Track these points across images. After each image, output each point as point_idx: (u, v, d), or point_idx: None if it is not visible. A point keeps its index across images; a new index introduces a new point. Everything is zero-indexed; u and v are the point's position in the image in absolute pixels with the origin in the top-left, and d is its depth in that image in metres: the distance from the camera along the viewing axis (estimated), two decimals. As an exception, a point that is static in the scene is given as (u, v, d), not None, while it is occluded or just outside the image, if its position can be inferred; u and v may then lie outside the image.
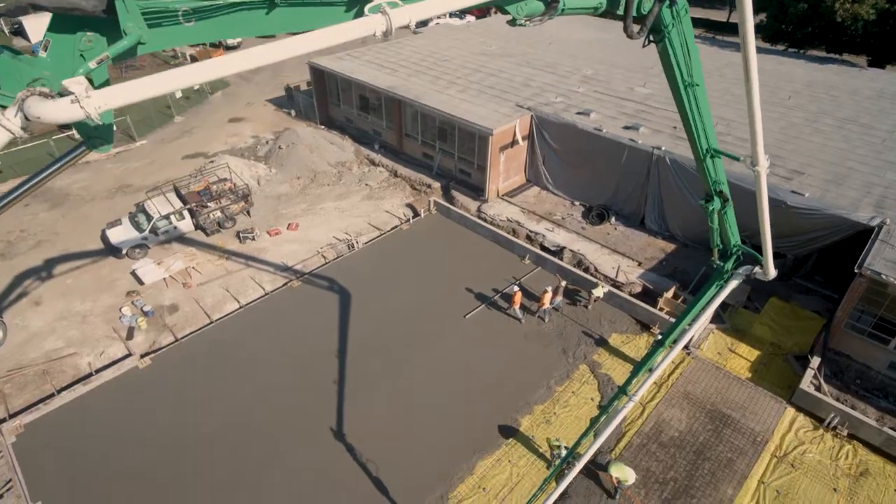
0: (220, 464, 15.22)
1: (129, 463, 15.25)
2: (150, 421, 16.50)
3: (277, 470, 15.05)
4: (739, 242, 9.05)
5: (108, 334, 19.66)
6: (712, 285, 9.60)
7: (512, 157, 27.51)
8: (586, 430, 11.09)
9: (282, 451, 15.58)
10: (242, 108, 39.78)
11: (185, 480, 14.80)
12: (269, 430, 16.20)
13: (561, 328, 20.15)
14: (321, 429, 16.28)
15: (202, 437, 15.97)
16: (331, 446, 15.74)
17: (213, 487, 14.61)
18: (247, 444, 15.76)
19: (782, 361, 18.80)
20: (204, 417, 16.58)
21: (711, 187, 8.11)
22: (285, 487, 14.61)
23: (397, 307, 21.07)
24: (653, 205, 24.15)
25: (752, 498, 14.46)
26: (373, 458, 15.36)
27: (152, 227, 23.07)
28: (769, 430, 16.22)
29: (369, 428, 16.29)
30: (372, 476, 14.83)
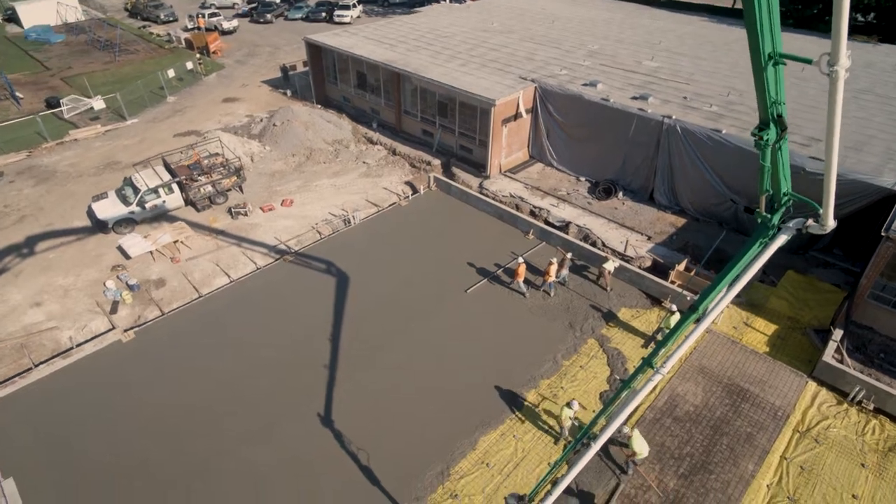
0: (205, 439, 14.24)
1: (108, 438, 14.28)
2: (132, 395, 15.52)
3: (266, 445, 14.08)
4: (791, 189, 7.94)
5: (90, 308, 18.68)
6: (755, 242, 8.41)
7: (515, 131, 26.51)
8: (605, 407, 10.05)
9: (272, 425, 14.61)
10: (237, 88, 38.73)
11: (167, 456, 13.82)
12: (258, 404, 15.23)
13: (567, 302, 19.17)
14: (314, 403, 15.31)
15: (187, 412, 14.98)
16: (324, 421, 14.75)
17: (197, 463, 13.64)
18: (235, 419, 14.77)
19: (801, 335, 17.83)
20: (189, 392, 15.61)
21: (768, 109, 6.82)
22: (275, 463, 13.65)
23: (395, 282, 20.10)
24: (662, 178, 23.14)
25: (774, 473, 13.51)
26: (368, 433, 14.39)
27: (139, 200, 22.07)
28: (790, 405, 15.26)
29: (364, 403, 15.32)
30: (367, 451, 13.86)
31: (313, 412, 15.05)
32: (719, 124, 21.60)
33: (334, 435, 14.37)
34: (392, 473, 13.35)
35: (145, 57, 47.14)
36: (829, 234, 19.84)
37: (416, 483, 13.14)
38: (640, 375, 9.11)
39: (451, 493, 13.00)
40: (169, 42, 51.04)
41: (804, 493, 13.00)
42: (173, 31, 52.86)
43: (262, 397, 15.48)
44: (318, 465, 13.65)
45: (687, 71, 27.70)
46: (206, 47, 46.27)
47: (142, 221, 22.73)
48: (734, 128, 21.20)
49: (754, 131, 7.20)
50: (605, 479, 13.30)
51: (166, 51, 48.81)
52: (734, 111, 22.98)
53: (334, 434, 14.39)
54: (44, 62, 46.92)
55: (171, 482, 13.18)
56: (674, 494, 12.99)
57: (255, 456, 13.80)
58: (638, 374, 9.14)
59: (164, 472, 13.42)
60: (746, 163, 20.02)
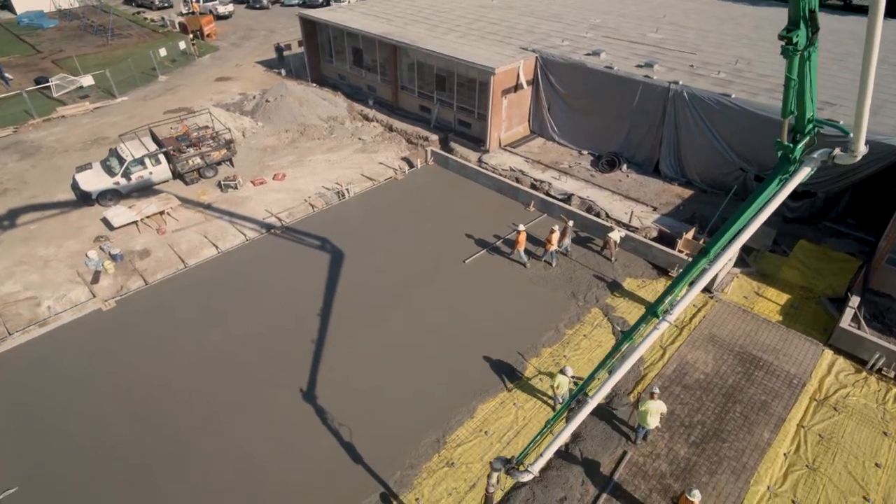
0: (187, 410, 13.40)
1: (83, 409, 13.42)
2: (110, 365, 14.67)
3: (253, 415, 13.23)
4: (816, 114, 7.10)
5: (71, 279, 17.85)
6: (774, 179, 7.59)
7: (515, 103, 25.67)
8: (603, 361, 9.15)
9: (259, 396, 13.75)
10: (231, 69, 37.87)
11: (146, 428, 12.97)
12: (245, 375, 14.38)
13: (570, 272, 18.35)
14: (304, 372, 14.45)
15: (168, 382, 14.13)
16: (314, 390, 13.92)
17: (178, 435, 12.81)
18: (220, 389, 13.93)
19: (815, 304, 17.02)
20: (171, 362, 14.76)
21: (799, 5, 5.92)
22: (262, 433, 12.82)
23: (390, 253, 19.25)
24: (668, 148, 22.30)
25: (791, 442, 12.69)
26: (359, 402, 13.56)
27: (125, 171, 21.22)
28: (806, 373, 14.44)
29: (356, 372, 14.47)
30: (358, 421, 13.02)
31: (303, 381, 14.20)
32: (728, 90, 20.74)
33: (324, 404, 13.52)
34: (385, 442, 12.51)
35: (138, 41, 46.30)
36: (844, 200, 19.39)
37: (410, 451, 12.31)
38: (644, 326, 8.29)
39: (447, 460, 12.18)
40: (163, 27, 50.22)
41: (824, 462, 12.19)
42: (168, 15, 52.06)
43: (248, 367, 14.63)
44: (308, 433, 12.80)
45: (693, 42, 26.86)
46: (200, 30, 45.45)
47: (128, 194, 21.91)
48: (744, 93, 20.35)
49: (782, 33, 6.38)
50: (612, 446, 12.50)
51: (160, 35, 47.95)
52: (743, 78, 22.13)
53: (325, 403, 13.54)
54: (35, 46, 46.13)
55: (150, 454, 12.37)
56: (685, 462, 12.19)
57: (241, 427, 12.98)
58: (641, 325, 8.30)
59: (142, 445, 12.60)
60: (757, 128, 19.19)
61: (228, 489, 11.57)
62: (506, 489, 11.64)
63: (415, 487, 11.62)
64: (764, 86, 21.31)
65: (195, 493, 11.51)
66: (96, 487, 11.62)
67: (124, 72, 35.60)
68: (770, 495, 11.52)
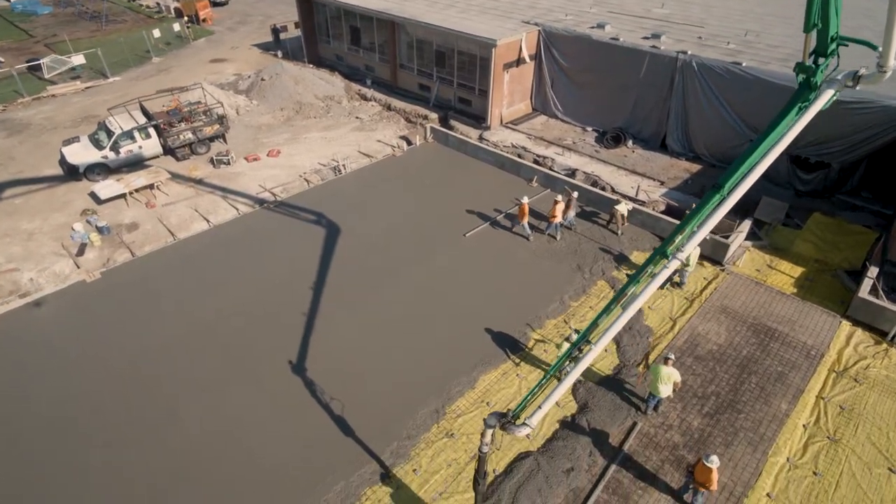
0: (173, 380, 12.67)
1: (63, 379, 12.72)
2: (93, 335, 13.98)
3: (243, 384, 12.50)
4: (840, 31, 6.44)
5: (55, 251, 17.15)
6: (793, 107, 6.94)
7: (517, 79, 24.95)
8: (606, 307, 8.39)
9: (250, 364, 13.02)
10: (226, 51, 37.13)
11: (130, 399, 12.24)
12: (236, 344, 13.65)
13: (575, 246, 17.64)
14: (298, 343, 13.72)
15: (154, 354, 13.39)
16: (307, 361, 13.19)
17: (162, 404, 12.09)
18: (211, 359, 13.19)
19: (831, 277, 16.35)
20: (157, 333, 14.05)
21: None
22: (253, 402, 12.07)
23: (388, 228, 18.52)
24: (676, 122, 21.58)
25: (811, 413, 12.00)
26: (355, 373, 12.84)
27: (113, 144, 20.51)
28: (824, 344, 13.75)
29: (352, 343, 13.75)
30: (353, 392, 12.30)
31: (295, 352, 13.50)
32: (738, 60, 20.01)
33: (317, 375, 12.80)
34: (380, 413, 11.79)
35: (133, 26, 45.51)
36: (859, 172, 18.68)
37: (408, 421, 11.62)
38: (651, 267, 7.59)
39: (446, 431, 11.49)
40: (159, 13, 49.47)
41: (846, 433, 11.50)
42: (163, 1, 51.29)
43: (240, 338, 13.90)
44: (300, 404, 12.06)
45: (699, 16, 26.15)
46: (195, 15, 44.74)
47: (117, 169, 21.19)
48: (754, 62, 19.65)
49: None
50: (620, 417, 11.82)
51: (155, 20, 47.21)
52: (753, 48, 21.40)
53: (317, 374, 12.82)
54: (28, 31, 45.40)
55: (132, 423, 11.68)
56: (698, 433, 11.51)
57: (229, 397, 12.26)
58: (648, 266, 7.59)
59: (126, 417, 11.91)
60: (769, 97, 18.45)
61: (215, 459, 10.88)
62: (501, 447, 11.00)
63: (412, 458, 10.93)
64: (775, 55, 20.58)
65: (179, 464, 10.82)
66: (76, 458, 10.94)
67: (117, 54, 34.93)
68: (790, 467, 10.84)
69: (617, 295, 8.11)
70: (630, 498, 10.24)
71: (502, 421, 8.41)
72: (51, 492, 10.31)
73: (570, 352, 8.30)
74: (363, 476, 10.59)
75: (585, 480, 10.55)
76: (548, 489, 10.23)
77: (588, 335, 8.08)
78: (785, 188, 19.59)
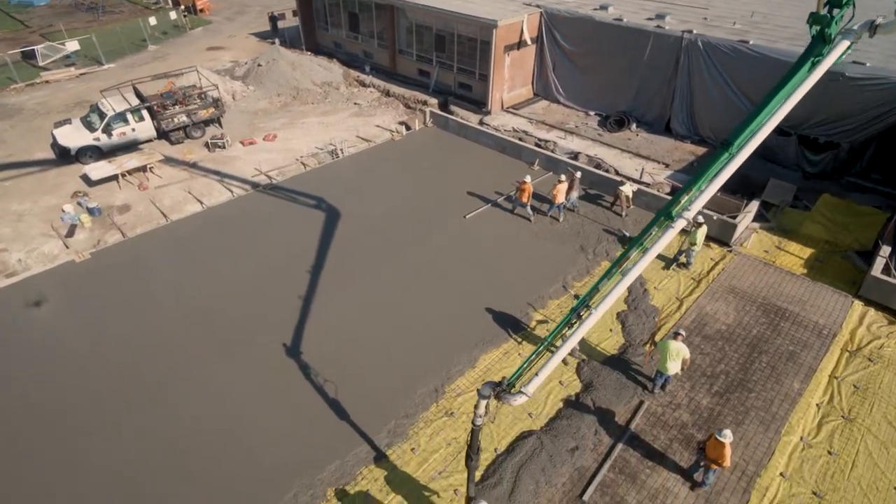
0: (163, 359, 12.21)
1: (49, 358, 12.27)
2: (82, 315, 13.55)
3: (237, 366, 12.02)
4: None
5: (45, 232, 16.73)
6: (806, 62, 6.57)
7: (518, 63, 24.49)
8: (609, 269, 7.88)
9: (244, 344, 12.56)
10: (223, 39, 36.68)
11: (117, 381, 11.80)
12: (232, 323, 13.17)
13: (578, 227, 17.19)
14: (292, 322, 13.28)
15: (143, 332, 12.96)
16: (304, 340, 12.76)
17: (152, 383, 11.63)
18: (202, 338, 12.75)
19: (841, 258, 15.92)
20: (147, 313, 13.59)
21: None
22: (246, 381, 11.61)
23: (386, 210, 18.04)
24: (681, 104, 21.11)
25: (824, 392, 11.58)
26: (351, 353, 12.39)
27: (105, 126, 20.07)
28: (836, 324, 13.31)
29: (346, 324, 13.31)
30: (350, 371, 11.88)
31: (290, 332, 13.03)
32: (745, 39, 19.53)
33: (312, 354, 12.34)
34: (378, 393, 11.36)
35: (129, 17, 45.07)
36: (869, 152, 18.22)
37: (406, 401, 11.20)
38: (655, 230, 7.17)
39: (446, 410, 11.05)
40: (155, 3, 48.99)
41: (860, 412, 11.07)
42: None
43: (233, 317, 13.43)
44: (294, 382, 11.60)
45: (703, 0, 25.71)
46: (192, 4, 44.27)
47: (110, 153, 20.74)
48: (762, 41, 19.19)
49: None
50: (627, 396, 11.38)
51: (151, 11, 46.73)
52: (760, 28, 20.91)
53: (312, 354, 12.37)
54: (24, 22, 44.98)
55: (122, 406, 11.22)
56: (708, 412, 11.08)
57: (221, 376, 11.83)
58: (653, 228, 7.17)
59: (113, 396, 11.43)
60: (777, 77, 17.94)
61: (206, 438, 10.43)
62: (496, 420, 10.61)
63: (410, 437, 10.50)
64: (783, 34, 20.12)
65: (169, 444, 10.37)
66: (65, 436, 10.50)
67: (113, 43, 34.47)
68: (804, 446, 10.41)
69: (618, 259, 7.70)
70: (637, 477, 9.81)
71: (497, 390, 7.87)
72: (37, 473, 9.89)
73: (568, 318, 7.82)
74: (359, 455, 10.15)
75: (591, 459, 10.12)
76: (552, 468, 9.80)
77: (588, 300, 7.64)
78: (793, 170, 19.12)
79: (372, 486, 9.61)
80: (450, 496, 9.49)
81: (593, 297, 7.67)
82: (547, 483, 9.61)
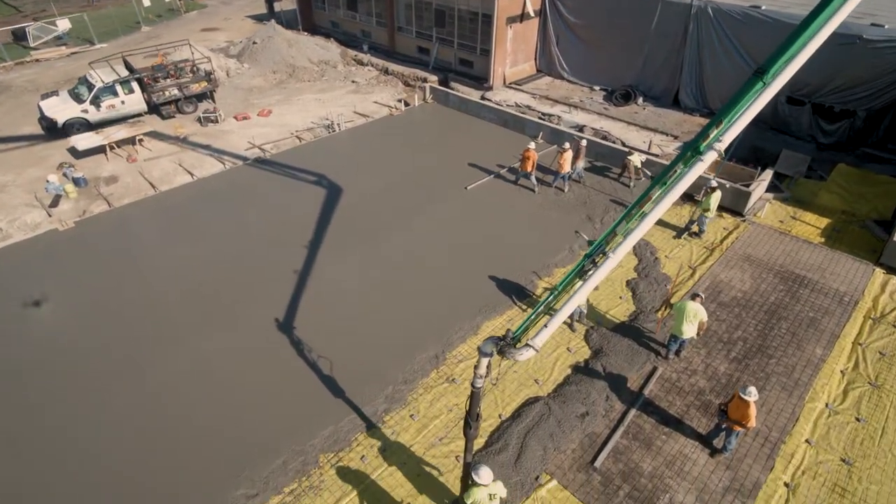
0: (148, 323, 11.55)
1: (29, 324, 11.66)
2: (63, 282, 12.85)
3: (228, 331, 11.34)
4: None
5: (28, 203, 16.05)
6: None
7: (521, 36, 23.78)
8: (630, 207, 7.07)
9: (237, 311, 11.90)
10: (219, 21, 35.96)
11: (98, 345, 11.15)
12: (224, 289, 12.51)
13: (584, 197, 16.50)
14: (290, 287, 12.62)
15: (127, 298, 12.27)
16: (302, 306, 12.09)
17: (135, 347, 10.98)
18: (189, 305, 12.07)
19: (859, 228, 15.24)
20: (131, 280, 12.92)
21: None
22: (237, 349, 10.94)
23: (384, 182, 17.32)
24: (690, 75, 20.41)
25: (848, 359, 10.94)
26: (347, 319, 11.73)
27: (94, 97, 19.38)
28: (858, 291, 12.64)
29: (343, 291, 12.63)
30: (346, 338, 11.20)
31: (289, 296, 12.36)
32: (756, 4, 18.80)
33: (305, 320, 11.66)
34: (375, 359, 10.68)
35: (124, 1, 44.46)
36: (886, 121, 17.50)
37: (405, 366, 10.55)
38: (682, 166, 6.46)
39: (447, 377, 10.39)
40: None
41: (888, 379, 10.40)
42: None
43: (226, 284, 12.75)
44: (286, 348, 10.93)
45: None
46: (189, -11, 43.58)
47: (99, 126, 20.04)
48: (775, 5, 18.47)
49: None
50: (639, 362, 10.72)
51: (147, -4, 46.11)
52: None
53: (305, 319, 11.69)
54: (18, 7, 44.28)
55: (105, 370, 10.55)
56: (726, 378, 10.42)
57: (211, 340, 11.13)
58: (678, 164, 6.47)
59: (94, 368, 10.80)
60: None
61: (192, 401, 9.77)
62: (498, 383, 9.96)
63: (409, 403, 9.83)
64: (795, 3, 19.43)
65: (154, 410, 9.70)
66: (44, 402, 9.86)
67: (107, 25, 33.80)
68: (829, 413, 9.76)
69: (638, 199, 6.92)
70: (653, 443, 9.15)
71: (500, 345, 7.12)
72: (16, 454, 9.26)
73: (581, 264, 7.06)
74: (354, 422, 9.48)
75: (602, 426, 9.45)
76: (560, 434, 9.13)
77: (603, 245, 6.91)
78: (806, 141, 18.45)
79: (368, 452, 8.94)
80: (451, 463, 8.83)
81: (610, 242, 6.99)
82: (555, 449, 8.94)
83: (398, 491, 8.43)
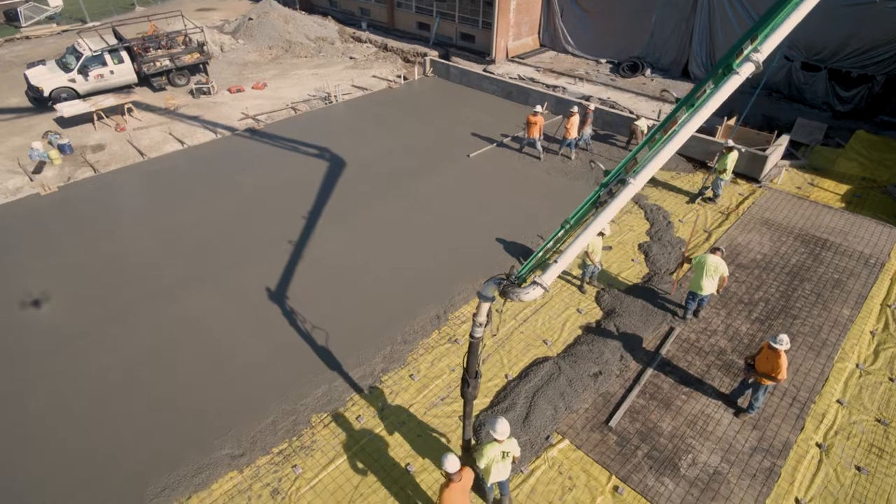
0: (133, 283, 10.86)
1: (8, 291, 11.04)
2: (45, 243, 12.14)
3: (220, 291, 10.62)
4: None
5: (11, 169, 15.38)
6: None
7: (524, 9, 23.06)
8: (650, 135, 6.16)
9: (231, 269, 11.20)
10: (214, 2, 35.27)
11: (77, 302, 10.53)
12: (217, 251, 11.80)
13: (592, 164, 15.90)
14: (286, 249, 11.91)
15: (111, 259, 11.58)
16: (299, 268, 11.39)
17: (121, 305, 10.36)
18: (177, 266, 11.37)
19: (881, 194, 14.56)
20: (116, 242, 12.23)
21: None
22: (228, 309, 10.25)
23: (383, 150, 16.62)
24: (700, 44, 19.69)
25: (877, 320, 10.27)
26: (343, 280, 11.05)
27: (81, 66, 18.69)
28: (884, 254, 11.96)
29: (341, 252, 11.94)
30: (340, 297, 10.53)
31: (284, 260, 11.70)
32: (768, -27, 18.13)
33: (301, 280, 11.00)
34: (373, 319, 10.00)
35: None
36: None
37: (405, 327, 9.89)
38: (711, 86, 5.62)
39: (449, 337, 9.72)
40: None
41: (922, 340, 9.80)
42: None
43: (219, 246, 12.03)
44: (281, 308, 10.24)
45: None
46: (184, -27, 42.83)
47: (86, 97, 19.35)
48: (789, -31, 17.76)
49: None
50: (655, 323, 10.05)
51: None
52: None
53: (301, 279, 11.02)
54: (11, -8, 43.62)
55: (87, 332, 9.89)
56: (748, 339, 9.73)
57: (202, 303, 10.46)
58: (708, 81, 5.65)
59: (72, 319, 10.19)
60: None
61: (181, 358, 9.10)
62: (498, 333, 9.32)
63: (409, 363, 9.16)
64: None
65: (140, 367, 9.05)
66: (26, 363, 9.21)
67: (100, 5, 33.12)
68: (861, 373, 9.09)
69: (663, 123, 6.17)
70: (672, 403, 8.47)
71: (502, 284, 6.26)
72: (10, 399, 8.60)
73: (597, 193, 6.26)
74: (350, 381, 8.81)
75: (617, 385, 8.77)
76: (572, 393, 8.45)
77: (622, 173, 6.09)
78: (821, 110, 17.75)
79: (364, 412, 8.28)
80: (454, 423, 8.15)
81: (629, 169, 6.24)
82: (567, 409, 8.27)
83: (398, 451, 7.75)
